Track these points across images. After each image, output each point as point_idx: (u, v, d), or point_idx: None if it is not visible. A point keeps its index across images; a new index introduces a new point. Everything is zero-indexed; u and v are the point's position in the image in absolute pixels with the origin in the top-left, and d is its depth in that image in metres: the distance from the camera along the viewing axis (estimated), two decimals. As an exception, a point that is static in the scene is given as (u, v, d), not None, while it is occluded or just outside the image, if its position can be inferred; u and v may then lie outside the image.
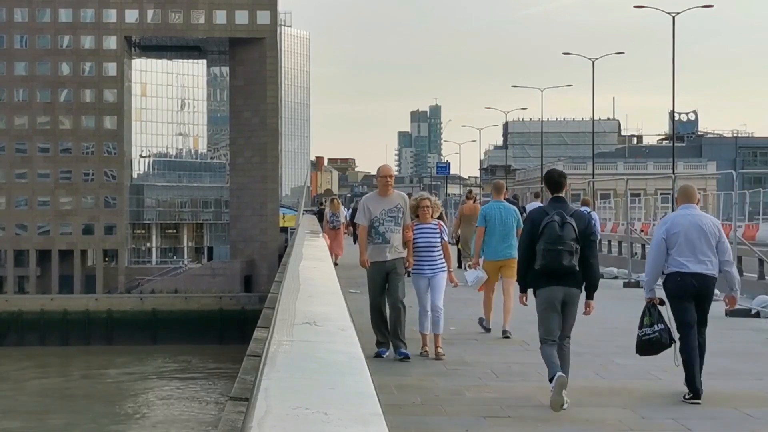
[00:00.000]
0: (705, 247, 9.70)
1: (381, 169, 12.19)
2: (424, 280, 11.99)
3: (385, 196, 12.00)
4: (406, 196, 12.24)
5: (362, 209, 12.11)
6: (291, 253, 18.15)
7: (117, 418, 54.93)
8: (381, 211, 11.88)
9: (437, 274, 11.96)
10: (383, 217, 11.86)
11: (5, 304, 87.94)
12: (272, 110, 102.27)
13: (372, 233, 11.92)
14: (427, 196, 12.45)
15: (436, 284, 11.97)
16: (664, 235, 9.83)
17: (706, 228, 9.76)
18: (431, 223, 12.08)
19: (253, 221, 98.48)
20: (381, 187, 12.09)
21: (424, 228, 12.04)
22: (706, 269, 9.72)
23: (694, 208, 9.94)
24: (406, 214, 11.95)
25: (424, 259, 11.97)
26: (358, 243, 12.36)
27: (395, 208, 11.89)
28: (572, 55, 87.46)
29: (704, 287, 9.79)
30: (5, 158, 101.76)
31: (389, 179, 12.10)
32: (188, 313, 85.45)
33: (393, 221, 11.85)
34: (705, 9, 63.12)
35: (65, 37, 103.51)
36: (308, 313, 7.82)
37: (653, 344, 9.83)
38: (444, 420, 8.63)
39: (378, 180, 12.19)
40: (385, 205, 11.91)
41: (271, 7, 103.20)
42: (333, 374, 5.35)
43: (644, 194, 61.63)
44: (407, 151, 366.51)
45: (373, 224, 11.90)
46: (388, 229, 11.84)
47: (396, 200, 11.98)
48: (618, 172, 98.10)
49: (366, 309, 12.42)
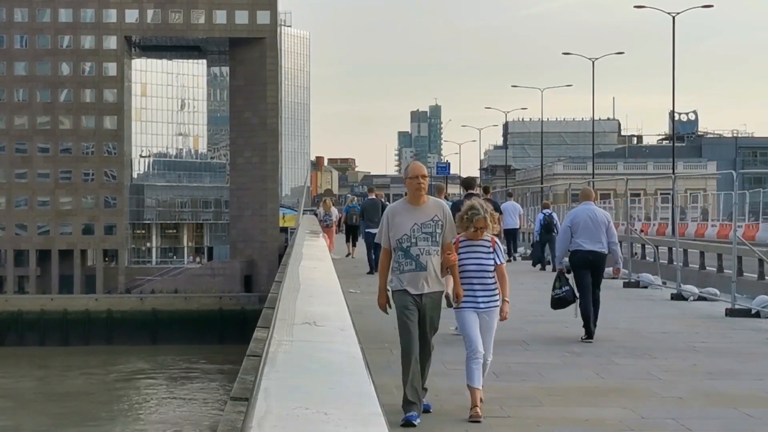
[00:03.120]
0: (598, 233, 13.51)
1: (411, 168, 8.85)
2: (473, 314, 9.03)
3: (417, 205, 8.65)
4: (445, 205, 8.92)
5: (385, 225, 8.74)
6: (291, 253, 18.14)
7: (117, 418, 54.92)
8: (413, 226, 8.59)
9: (491, 309, 9.05)
10: (416, 235, 8.59)
11: (5, 304, 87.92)
12: (272, 110, 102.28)
13: (400, 257, 8.64)
14: (479, 202, 9.29)
15: (488, 324, 9.07)
16: (569, 224, 13.71)
17: (598, 218, 13.62)
18: (483, 239, 9.14)
19: (253, 221, 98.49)
20: (411, 192, 8.70)
21: (474, 246, 9.13)
22: (598, 248, 13.53)
23: (591, 204, 13.90)
24: (447, 228, 8.72)
25: (477, 288, 9.03)
26: (378, 274, 9.08)
27: (432, 222, 8.62)
28: (572, 55, 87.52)
29: (597, 260, 13.60)
30: (5, 158, 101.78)
31: (422, 181, 8.67)
32: (188, 313, 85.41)
33: (429, 239, 8.60)
34: (705, 9, 63.17)
35: (65, 37, 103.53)
36: (308, 313, 7.82)
37: (562, 301, 13.56)
38: (444, 420, 8.63)
39: (407, 182, 8.76)
40: (418, 217, 8.61)
41: (271, 7, 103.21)
42: (333, 374, 5.35)
43: (644, 194, 61.65)
44: (407, 151, 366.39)
45: (402, 245, 8.60)
46: (423, 251, 8.57)
47: (432, 210, 8.67)
48: (618, 172, 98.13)
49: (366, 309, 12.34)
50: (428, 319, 8.71)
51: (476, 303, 9.01)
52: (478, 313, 8.99)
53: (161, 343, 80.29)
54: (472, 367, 8.90)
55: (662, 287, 21.29)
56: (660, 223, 47.95)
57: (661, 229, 45.76)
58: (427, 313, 8.68)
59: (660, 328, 14.86)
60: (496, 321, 9.13)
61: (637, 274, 22.77)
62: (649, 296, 20.17)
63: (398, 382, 10.16)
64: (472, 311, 9.01)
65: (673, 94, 63.12)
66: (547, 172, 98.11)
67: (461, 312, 9.04)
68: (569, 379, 10.52)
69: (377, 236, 9.02)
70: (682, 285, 19.81)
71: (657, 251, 24.72)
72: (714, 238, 36.57)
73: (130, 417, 55.61)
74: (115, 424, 53.08)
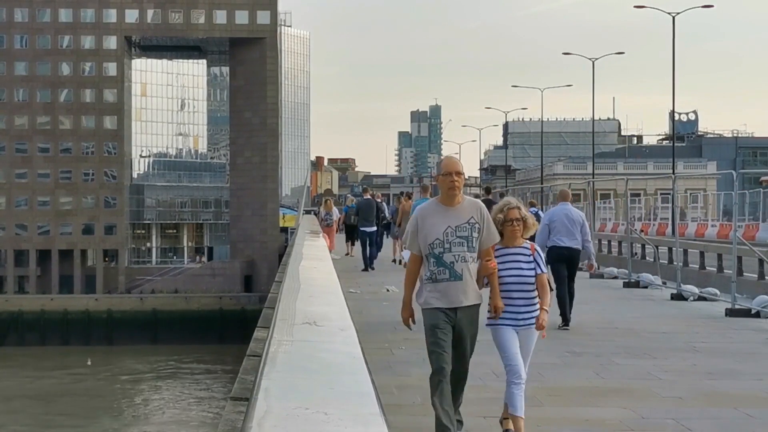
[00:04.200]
0: (574, 230, 14.74)
1: (444, 164, 7.75)
2: (511, 331, 7.94)
3: (451, 206, 7.59)
4: (483, 206, 7.74)
5: (414, 228, 7.66)
6: (291, 253, 18.14)
7: (117, 418, 54.94)
8: (446, 229, 7.52)
9: (532, 326, 7.97)
10: (450, 239, 7.52)
11: (5, 304, 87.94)
12: (272, 110, 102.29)
13: (432, 264, 7.53)
14: (515, 203, 8.24)
15: (528, 342, 8.03)
16: (547, 222, 14.86)
17: (574, 218, 14.85)
18: (522, 246, 8.08)
19: (253, 221, 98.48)
20: (444, 191, 7.60)
21: (511, 254, 8.01)
22: (574, 244, 14.76)
23: (568, 205, 15.18)
24: (485, 232, 7.62)
25: (517, 302, 7.91)
26: (404, 284, 7.84)
27: (467, 225, 7.55)
28: (572, 55, 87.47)
29: (572, 255, 14.83)
30: (5, 158, 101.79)
31: (456, 179, 7.57)
32: (188, 313, 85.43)
33: (465, 244, 7.52)
34: (705, 9, 63.20)
35: (65, 37, 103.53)
36: (308, 313, 7.81)
37: None
38: (444, 420, 8.62)
39: (439, 180, 7.69)
40: (452, 219, 7.55)
41: (271, 7, 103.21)
42: (333, 374, 5.35)
43: (644, 194, 61.65)
44: (407, 151, 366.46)
45: (434, 251, 7.50)
46: (458, 258, 7.49)
47: (468, 211, 7.60)
48: (618, 172, 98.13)
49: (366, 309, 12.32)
50: (464, 337, 7.57)
51: (516, 320, 7.90)
52: (517, 330, 7.93)
53: (161, 343, 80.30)
54: (514, 393, 7.89)
55: (662, 287, 21.29)
56: (660, 223, 47.96)
57: (661, 229, 45.77)
58: (464, 330, 7.54)
59: (660, 328, 14.86)
60: (536, 338, 8.09)
61: (637, 274, 22.77)
62: (649, 296, 20.17)
63: (398, 382, 10.17)
64: (512, 328, 7.92)
65: (673, 94, 63.15)
66: (547, 172, 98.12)
67: (499, 329, 7.90)
68: (569, 379, 10.51)
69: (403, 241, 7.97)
70: (682, 285, 19.81)
71: (657, 251, 24.72)
72: (714, 238, 36.57)
73: (130, 417, 55.62)
74: (115, 424, 53.09)
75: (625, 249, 27.23)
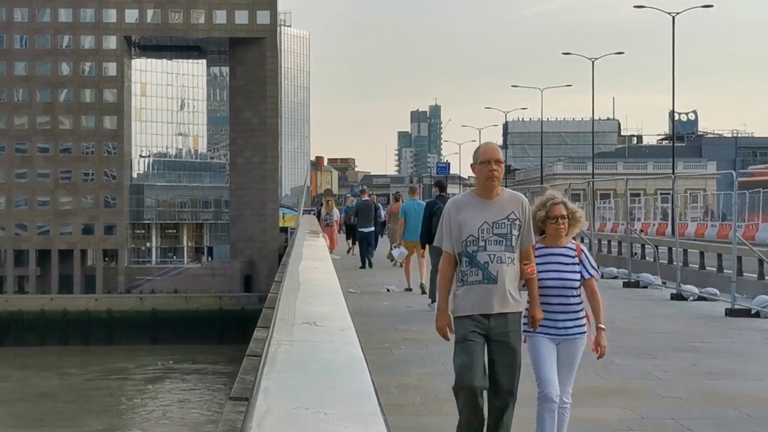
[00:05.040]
0: None
1: (482, 150, 6.74)
2: (549, 344, 6.98)
3: (489, 199, 6.66)
4: (525, 200, 6.78)
5: (446, 222, 6.75)
6: (291, 253, 18.15)
7: (117, 418, 54.93)
8: (482, 225, 6.60)
9: (575, 338, 6.99)
10: (486, 236, 6.59)
11: (5, 304, 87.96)
12: (272, 110, 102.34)
13: (464, 264, 6.62)
14: (560, 197, 7.21)
15: (569, 356, 7.00)
16: None
17: None
18: (566, 246, 7.13)
19: (253, 221, 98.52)
20: (482, 181, 6.69)
21: (554, 254, 7.08)
22: None
23: None
24: (526, 230, 6.70)
25: (557, 309, 6.98)
26: (438, 286, 6.93)
27: (506, 221, 6.62)
28: (572, 55, 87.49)
29: None
30: (5, 158, 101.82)
31: (496, 168, 6.64)
32: (188, 313, 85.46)
33: (503, 243, 6.59)
34: (705, 9, 63.22)
35: (65, 37, 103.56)
36: (308, 313, 7.81)
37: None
38: (444, 420, 8.61)
39: (476, 169, 6.72)
40: (490, 213, 6.62)
41: (271, 7, 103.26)
42: (333, 374, 5.35)
43: (644, 194, 61.71)
44: (407, 151, 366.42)
45: (467, 249, 6.60)
46: (494, 258, 6.57)
47: (508, 205, 6.67)
48: (618, 172, 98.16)
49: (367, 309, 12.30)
50: (502, 349, 6.56)
51: (555, 329, 6.94)
52: (556, 342, 6.97)
53: (161, 343, 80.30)
54: (544, 417, 6.89)
55: (662, 287, 21.29)
56: (660, 223, 48.00)
57: (661, 229, 45.80)
58: (500, 341, 6.55)
59: (660, 328, 14.86)
60: (581, 353, 7.03)
61: (637, 274, 22.78)
62: (649, 296, 20.18)
63: (398, 381, 10.16)
64: (549, 339, 6.94)
65: (673, 94, 63.29)
66: (547, 172, 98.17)
67: (534, 338, 6.95)
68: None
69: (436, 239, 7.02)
70: (682, 285, 19.82)
71: (657, 251, 24.73)
72: (714, 238, 36.61)
73: (130, 417, 55.64)
74: (115, 424, 53.09)
75: (625, 249, 27.23)
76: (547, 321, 6.91)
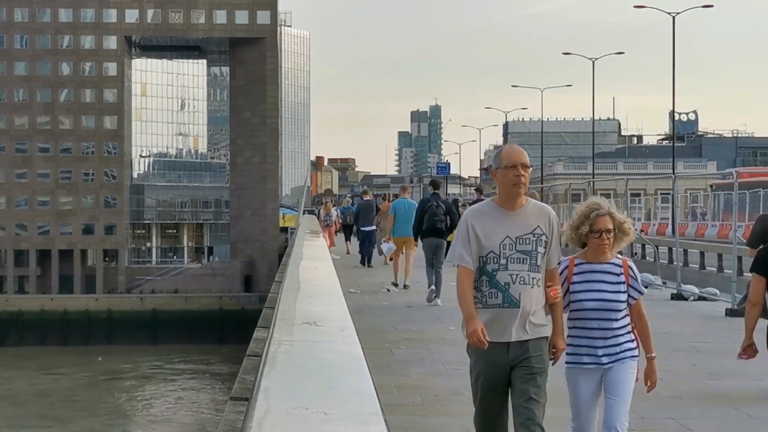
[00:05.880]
0: None
1: (505, 153, 6.00)
2: (589, 378, 6.20)
3: (512, 210, 5.89)
4: (552, 213, 6.00)
5: (462, 235, 5.90)
6: (291, 253, 18.16)
7: (117, 418, 54.92)
8: (503, 240, 5.82)
9: (624, 361, 6.22)
10: (507, 253, 5.81)
11: (5, 304, 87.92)
12: (272, 110, 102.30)
13: (483, 284, 5.84)
14: (607, 207, 6.19)
15: (618, 383, 6.18)
16: None
17: None
18: (610, 262, 6.20)
19: (253, 221, 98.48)
20: (506, 188, 5.93)
21: (596, 272, 6.16)
22: None
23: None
24: (553, 246, 5.92)
25: (596, 335, 6.14)
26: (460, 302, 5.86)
27: (532, 236, 5.84)
28: (572, 55, 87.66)
29: None
30: (5, 158, 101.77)
31: (523, 173, 5.91)
32: (188, 313, 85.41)
33: (527, 262, 5.82)
34: (705, 9, 63.20)
35: (65, 37, 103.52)
36: (308, 313, 7.82)
37: None
38: (444, 420, 8.62)
39: (498, 175, 5.97)
40: (513, 227, 5.85)
41: (271, 7, 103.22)
42: (333, 374, 5.35)
43: (644, 194, 61.65)
44: (407, 151, 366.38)
45: (486, 267, 5.82)
46: (516, 278, 5.79)
47: (534, 218, 5.91)
48: (618, 172, 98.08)
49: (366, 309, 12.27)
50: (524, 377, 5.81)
51: (595, 357, 6.13)
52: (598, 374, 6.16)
53: (161, 343, 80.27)
54: None
55: (662, 287, 21.28)
56: (660, 223, 47.97)
57: (661, 229, 45.77)
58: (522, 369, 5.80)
59: (660, 328, 14.82)
60: (632, 379, 6.20)
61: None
62: (649, 296, 20.07)
63: (398, 382, 10.15)
64: (588, 371, 6.15)
65: (673, 94, 63.23)
66: (547, 172, 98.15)
67: (570, 370, 6.19)
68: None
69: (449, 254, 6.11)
70: (682, 285, 19.81)
71: (657, 251, 24.72)
72: (714, 238, 36.60)
73: (130, 417, 55.63)
74: (115, 424, 53.08)
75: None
76: (582, 348, 6.12)
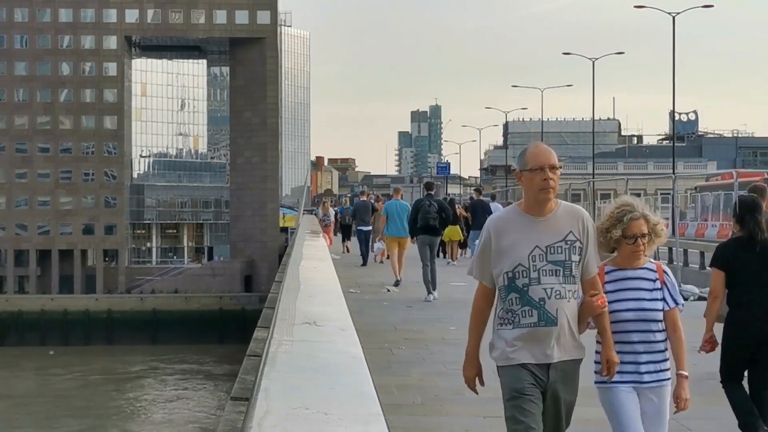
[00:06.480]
0: None
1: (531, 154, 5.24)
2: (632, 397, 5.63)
3: (541, 216, 5.21)
4: (585, 215, 5.30)
5: (484, 247, 5.29)
6: (291, 253, 18.16)
7: (117, 418, 54.93)
8: (533, 250, 5.15)
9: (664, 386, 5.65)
10: (538, 265, 5.15)
11: (5, 304, 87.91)
12: (272, 110, 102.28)
13: (513, 303, 5.18)
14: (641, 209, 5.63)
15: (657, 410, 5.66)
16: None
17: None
18: (644, 267, 5.70)
19: (253, 221, 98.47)
20: (533, 193, 5.21)
21: (629, 278, 5.65)
22: None
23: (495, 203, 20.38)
24: (590, 252, 5.28)
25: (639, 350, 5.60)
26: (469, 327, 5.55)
27: (564, 243, 5.19)
28: (572, 55, 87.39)
29: None
30: (5, 158, 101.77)
31: (552, 176, 5.17)
32: (188, 313, 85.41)
33: (560, 273, 5.17)
34: (705, 9, 63.19)
35: (65, 37, 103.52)
36: (308, 313, 7.82)
37: None
38: (444, 420, 8.62)
39: (524, 178, 5.23)
40: (543, 235, 5.19)
41: (271, 7, 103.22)
42: (333, 374, 5.35)
43: (644, 194, 61.61)
44: (407, 151, 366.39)
45: (515, 282, 5.17)
46: (551, 293, 5.14)
47: (565, 223, 5.23)
48: (618, 172, 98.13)
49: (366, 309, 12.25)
50: (558, 405, 5.28)
51: (638, 374, 5.58)
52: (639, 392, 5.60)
53: (161, 343, 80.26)
54: None
55: (662, 287, 21.26)
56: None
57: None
58: (558, 395, 5.25)
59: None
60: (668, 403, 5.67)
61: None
62: (649, 296, 20.13)
63: (398, 382, 10.15)
64: (630, 387, 5.58)
65: (674, 94, 63.31)
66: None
67: (612, 390, 5.61)
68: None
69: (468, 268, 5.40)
70: (682, 285, 19.81)
71: (657, 251, 24.72)
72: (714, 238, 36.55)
73: (130, 417, 55.63)
74: (115, 424, 53.09)
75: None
76: (626, 365, 5.54)
